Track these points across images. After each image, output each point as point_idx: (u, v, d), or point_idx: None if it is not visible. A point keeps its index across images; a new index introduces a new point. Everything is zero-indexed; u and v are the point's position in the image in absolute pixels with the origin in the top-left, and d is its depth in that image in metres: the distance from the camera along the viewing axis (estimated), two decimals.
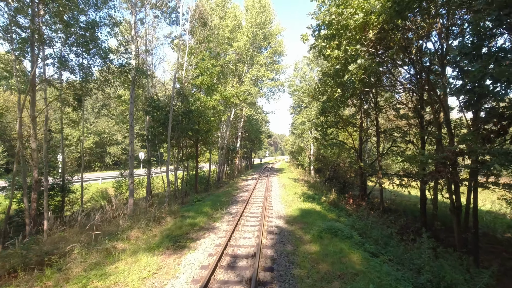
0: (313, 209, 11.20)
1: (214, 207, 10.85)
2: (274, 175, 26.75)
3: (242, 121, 22.12)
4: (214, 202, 12.12)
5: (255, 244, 6.49)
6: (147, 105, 11.98)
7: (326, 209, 11.75)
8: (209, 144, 16.75)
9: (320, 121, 15.11)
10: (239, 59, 18.12)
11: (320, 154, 32.35)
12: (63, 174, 12.21)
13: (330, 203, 13.65)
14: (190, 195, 15.10)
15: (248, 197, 12.80)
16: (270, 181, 20.38)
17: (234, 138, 26.78)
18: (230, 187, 17.66)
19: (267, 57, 18.19)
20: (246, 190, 15.60)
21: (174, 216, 9.24)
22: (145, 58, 14.49)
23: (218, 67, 15.01)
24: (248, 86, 16.83)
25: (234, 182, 20.11)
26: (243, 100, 15.80)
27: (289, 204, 12.04)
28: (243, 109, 18.56)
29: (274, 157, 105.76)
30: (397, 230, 10.36)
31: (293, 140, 34.70)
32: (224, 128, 20.55)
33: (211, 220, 8.98)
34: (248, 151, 41.36)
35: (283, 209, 10.94)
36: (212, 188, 17.32)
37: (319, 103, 13.56)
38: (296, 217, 9.51)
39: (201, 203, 12.17)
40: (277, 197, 13.72)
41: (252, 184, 18.65)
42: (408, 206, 19.05)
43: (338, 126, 14.36)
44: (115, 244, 6.39)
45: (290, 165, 46.02)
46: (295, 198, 13.57)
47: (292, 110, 34.83)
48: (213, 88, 14.82)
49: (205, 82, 14.34)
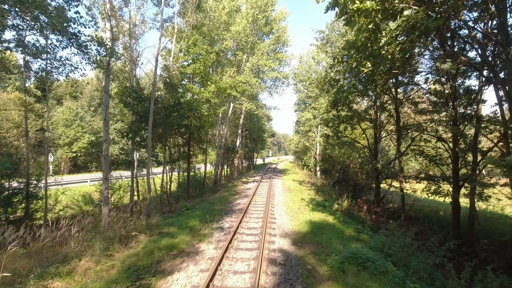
0: (325, 221, 9.14)
1: (204, 218, 8.86)
2: (278, 176, 24.70)
3: (242, 118, 20.07)
4: (206, 211, 10.14)
5: (249, 285, 4.47)
6: (126, 96, 10.06)
7: (340, 220, 9.69)
8: (204, 143, 14.80)
9: (331, 116, 13.05)
10: (238, 46, 16.07)
11: (327, 154, 30.24)
12: (27, 178, 10.34)
13: (344, 212, 11.57)
14: (181, 201, 13.18)
15: (247, 205, 10.79)
16: (273, 184, 18.34)
17: (234, 136, 24.80)
18: (228, 191, 15.66)
19: (269, 44, 16.17)
20: (246, 196, 13.60)
21: (150, 233, 7.27)
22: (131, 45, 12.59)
23: (213, 54, 13.02)
24: (248, 77, 14.81)
25: (233, 185, 18.11)
26: (242, 91, 13.81)
27: (295, 214, 10.00)
28: (242, 103, 16.55)
29: (278, 157, 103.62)
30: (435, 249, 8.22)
31: (297, 139, 32.58)
32: (223, 126, 18.57)
33: (196, 239, 6.98)
34: (250, 151, 39.35)
35: (288, 222, 8.89)
36: (207, 192, 15.35)
37: (331, 94, 11.49)
38: (306, 235, 7.46)
39: (190, 212, 10.20)
40: (281, 204, 11.69)
41: (253, 187, 16.63)
42: (429, 213, 16.83)
43: (352, 121, 12.24)
44: (48, 284, 4.43)
45: (294, 165, 43.88)
46: (302, 206, 11.51)
47: (297, 107, 32.74)
48: (207, 78, 12.83)
49: (197, 71, 12.36)
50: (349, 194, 17.40)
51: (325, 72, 12.36)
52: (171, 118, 10.66)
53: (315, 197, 14.77)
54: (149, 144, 9.08)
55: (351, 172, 21.47)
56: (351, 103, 11.29)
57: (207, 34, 13.05)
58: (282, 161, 70.26)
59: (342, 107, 11.43)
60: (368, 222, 10.91)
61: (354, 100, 10.93)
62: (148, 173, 9.32)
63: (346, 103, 11.43)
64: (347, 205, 12.47)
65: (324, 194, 16.06)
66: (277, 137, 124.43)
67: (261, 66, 15.43)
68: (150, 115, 8.98)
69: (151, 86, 9.22)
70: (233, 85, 13.15)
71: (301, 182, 20.96)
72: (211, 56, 12.90)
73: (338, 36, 15.02)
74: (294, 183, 20.16)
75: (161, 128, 9.97)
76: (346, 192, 17.55)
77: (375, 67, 7.26)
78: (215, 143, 18.81)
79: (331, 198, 15.01)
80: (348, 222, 9.69)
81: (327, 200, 13.78)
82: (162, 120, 9.98)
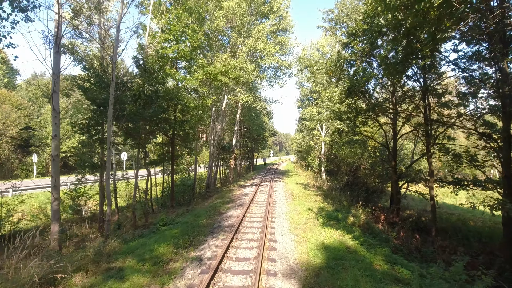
0: (343, 244, 6.86)
1: (180, 241, 6.61)
2: (279, 179, 22.40)
3: (239, 113, 17.73)
4: (187, 228, 7.88)
5: None
6: (85, 80, 7.83)
7: (362, 241, 7.39)
8: (192, 141, 12.55)
9: (343, 108, 10.75)
10: (232, 28, 13.72)
11: (332, 154, 27.91)
12: None
13: (362, 226, 9.27)
14: (162, 212, 10.95)
15: (241, 218, 8.52)
16: (274, 188, 16.06)
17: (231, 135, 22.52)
18: (221, 197, 13.39)
19: (269, 25, 13.85)
20: (240, 205, 11.32)
21: (94, 270, 5.01)
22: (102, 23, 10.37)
23: (200, 34, 10.75)
24: (244, 61, 12.50)
25: (228, 190, 15.84)
26: (236, 78, 11.55)
27: (302, 232, 7.71)
28: (238, 95, 14.26)
29: (279, 157, 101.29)
30: None
31: (300, 138, 30.28)
32: (217, 122, 16.30)
33: (157, 280, 4.72)
34: (249, 150, 37.08)
35: (293, 246, 6.60)
36: (196, 199, 13.09)
37: (345, 80, 9.20)
38: (320, 271, 5.17)
39: (166, 229, 7.93)
40: (283, 217, 9.40)
41: (251, 193, 14.36)
42: (456, 223, 14.44)
43: (369, 113, 9.89)
44: None
45: (296, 166, 41.54)
46: (309, 219, 9.23)
47: (300, 103, 30.47)
48: (193, 62, 10.56)
49: (181, 53, 10.09)
50: (361, 199, 15.10)
51: (338, 54, 10.08)
52: (145, 109, 8.41)
53: (324, 205, 12.47)
54: (108, 141, 6.83)
55: (361, 174, 19.12)
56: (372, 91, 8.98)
57: (194, 9, 10.80)
58: (283, 161, 67.94)
59: (360, 95, 9.13)
60: (394, 241, 8.59)
61: (376, 87, 8.62)
62: (108, 179, 7.07)
63: (365, 90, 9.13)
64: (365, 218, 10.17)
65: (334, 201, 13.74)
66: (278, 136, 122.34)
67: (259, 50, 13.14)
68: (109, 103, 6.73)
69: (111, 64, 6.99)
70: (225, 70, 10.85)
71: (306, 186, 18.66)
72: (198, 36, 10.63)
73: (351, 10, 12.67)
74: (298, 187, 17.86)
75: (129, 121, 7.74)
76: (358, 198, 15.24)
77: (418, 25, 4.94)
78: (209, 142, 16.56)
79: (343, 207, 12.71)
80: (372, 244, 7.37)
81: (339, 209, 11.47)
82: (131, 112, 7.73)
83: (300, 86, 29.35)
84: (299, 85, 29.69)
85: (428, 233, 12.94)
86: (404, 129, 13.69)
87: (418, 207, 19.36)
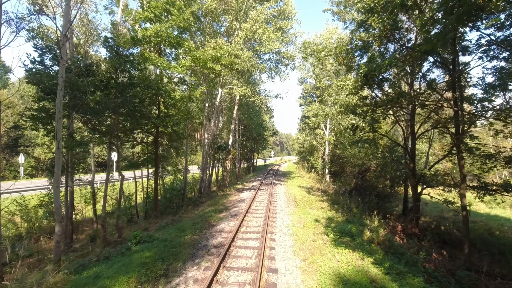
0: (365, 274, 5.21)
1: (149, 272, 4.98)
2: (280, 181, 20.72)
3: (236, 109, 16.00)
4: (164, 249, 6.23)
5: None
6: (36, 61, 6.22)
7: (387, 267, 5.73)
8: (178, 140, 10.89)
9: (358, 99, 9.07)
10: (226, 10, 12.03)
11: (337, 154, 26.24)
12: None
13: (383, 244, 7.59)
14: (143, 222, 9.34)
15: (233, 235, 6.87)
16: (274, 193, 14.40)
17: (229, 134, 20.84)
18: (214, 204, 11.74)
19: (269, 7, 12.18)
20: (235, 214, 9.67)
21: None
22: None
23: (187, 14, 9.11)
24: (239, 46, 10.81)
25: (223, 195, 14.18)
26: (229, 65, 9.89)
27: (310, 255, 6.06)
28: (233, 88, 12.55)
29: (280, 158, 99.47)
30: None
31: (302, 137, 28.59)
32: (211, 119, 14.65)
33: None
34: (249, 151, 35.43)
35: (299, 278, 4.95)
36: (186, 206, 11.43)
37: (361, 65, 7.54)
38: None
39: (138, 250, 6.29)
40: (285, 232, 7.74)
41: (249, 198, 12.72)
42: (481, 233, 12.71)
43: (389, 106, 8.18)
44: None
45: (298, 167, 39.80)
46: (318, 235, 7.57)
47: (302, 100, 28.80)
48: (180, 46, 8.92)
49: (163, 36, 8.44)
50: (374, 206, 13.40)
51: (351, 33, 8.43)
52: (112, 99, 6.76)
53: (332, 213, 10.82)
54: (57, 138, 5.18)
55: (371, 176, 17.40)
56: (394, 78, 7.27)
57: None
58: (285, 162, 66.22)
59: (380, 83, 7.46)
60: (425, 265, 6.89)
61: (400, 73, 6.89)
62: (58, 186, 5.42)
63: (385, 78, 7.46)
64: (384, 231, 8.49)
65: (342, 208, 12.05)
66: (279, 136, 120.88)
67: (258, 35, 11.44)
68: (58, 89, 5.10)
69: (60, 38, 5.37)
70: (216, 55, 9.18)
71: (309, 190, 16.97)
72: (186, 16, 8.99)
73: None
74: (301, 191, 16.19)
75: (90, 113, 6.11)
76: (370, 204, 13.55)
77: None
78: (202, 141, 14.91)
79: (354, 216, 11.02)
80: (401, 271, 5.70)
81: (351, 220, 9.79)
82: (96, 102, 6.10)
83: (303, 82, 27.69)
84: (301, 82, 28.03)
85: (452, 245, 11.28)
86: (423, 126, 11.99)
87: (432, 213, 17.63)
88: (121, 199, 8.17)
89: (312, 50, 9.49)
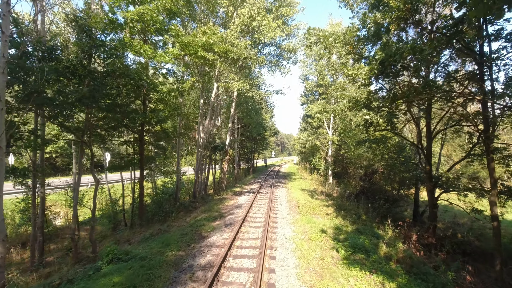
0: None
1: None
2: (281, 184, 19.57)
3: (234, 105, 14.84)
4: (139, 272, 5.09)
5: None
6: None
7: None
8: (166, 139, 9.76)
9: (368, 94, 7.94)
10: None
11: (340, 155, 25.09)
12: None
13: (403, 261, 6.44)
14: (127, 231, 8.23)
15: (225, 251, 5.74)
16: (275, 198, 13.27)
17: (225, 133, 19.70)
18: (208, 211, 10.61)
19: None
20: (230, 223, 8.53)
21: None
22: None
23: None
24: (236, 36, 9.70)
25: (219, 200, 13.06)
26: (223, 53, 8.79)
27: (318, 279, 4.93)
28: (230, 82, 11.44)
29: (281, 158, 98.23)
30: None
31: (304, 137, 27.42)
32: (206, 117, 13.51)
33: None
34: (249, 151, 34.30)
35: None
36: (177, 213, 10.31)
37: (377, 51, 6.42)
38: None
39: (107, 272, 5.17)
40: (287, 247, 6.59)
41: (246, 203, 11.60)
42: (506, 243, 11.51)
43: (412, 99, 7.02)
44: None
45: (300, 168, 38.62)
46: (326, 250, 6.42)
47: (304, 99, 27.67)
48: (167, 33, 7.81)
49: (147, 19, 7.33)
50: (384, 212, 12.25)
51: (363, 16, 7.30)
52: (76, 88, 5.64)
53: (339, 221, 9.68)
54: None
55: (378, 179, 16.24)
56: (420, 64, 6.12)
57: None
58: (286, 163, 65.07)
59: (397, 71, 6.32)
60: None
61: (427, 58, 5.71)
62: (1, 192, 4.30)
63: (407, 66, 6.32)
64: (403, 246, 7.34)
65: (350, 215, 10.90)
66: (280, 136, 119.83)
67: (257, 22, 10.31)
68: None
69: (1, 5, 4.27)
70: (208, 41, 8.06)
71: (312, 193, 15.82)
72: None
73: None
74: (303, 194, 15.05)
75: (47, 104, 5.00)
76: (379, 209, 12.38)
77: None
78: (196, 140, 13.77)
79: (363, 224, 9.87)
80: None
81: (361, 229, 8.63)
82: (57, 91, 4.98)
83: (305, 80, 26.55)
84: (303, 79, 26.90)
85: (474, 257, 10.10)
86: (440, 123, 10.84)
87: (445, 219, 16.44)
88: (95, 207, 7.03)
89: (318, 36, 8.36)
